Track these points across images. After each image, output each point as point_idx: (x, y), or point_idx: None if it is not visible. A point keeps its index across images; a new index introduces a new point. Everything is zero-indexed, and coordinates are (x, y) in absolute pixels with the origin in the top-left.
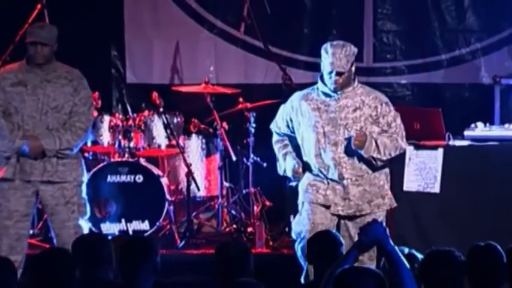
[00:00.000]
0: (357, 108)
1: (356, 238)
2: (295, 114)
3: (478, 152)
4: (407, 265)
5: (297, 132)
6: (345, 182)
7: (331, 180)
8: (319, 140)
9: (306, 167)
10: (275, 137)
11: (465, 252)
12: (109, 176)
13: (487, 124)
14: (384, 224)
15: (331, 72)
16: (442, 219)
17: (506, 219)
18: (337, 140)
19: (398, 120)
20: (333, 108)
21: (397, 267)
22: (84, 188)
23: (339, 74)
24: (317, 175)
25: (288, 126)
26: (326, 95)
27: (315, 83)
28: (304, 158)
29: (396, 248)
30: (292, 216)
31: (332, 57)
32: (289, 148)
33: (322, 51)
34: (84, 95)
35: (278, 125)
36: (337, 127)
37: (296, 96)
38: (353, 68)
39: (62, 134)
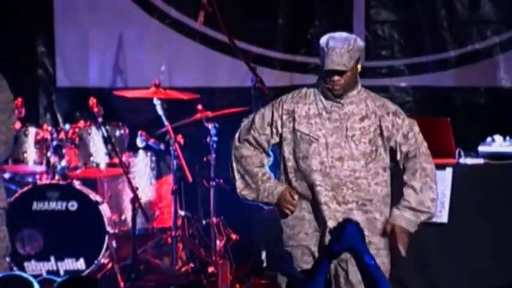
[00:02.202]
0: (365, 117)
1: None
2: (288, 120)
3: (495, 172)
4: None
5: (284, 143)
6: (349, 205)
7: (331, 204)
8: (320, 153)
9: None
10: (247, 149)
11: None
12: (35, 203)
13: (507, 138)
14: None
15: (330, 72)
16: (450, 256)
17: None
18: (342, 154)
19: (416, 128)
20: (336, 115)
21: (376, 286)
22: (3, 217)
23: (340, 73)
24: (310, 201)
25: (272, 133)
26: (327, 98)
27: (293, 87)
28: (287, 178)
29: (375, 260)
30: (264, 253)
31: (331, 52)
32: (267, 168)
33: (321, 46)
34: (3, 100)
35: (258, 131)
36: (343, 139)
37: (289, 97)
38: (359, 66)
39: None
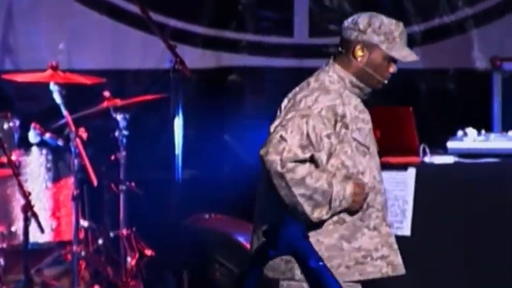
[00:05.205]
0: None
1: None
2: (341, 127)
3: (467, 173)
4: None
5: (334, 157)
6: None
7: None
8: (370, 167)
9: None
10: (305, 167)
11: None
12: None
13: (482, 131)
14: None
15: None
16: (414, 276)
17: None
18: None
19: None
20: (368, 116)
21: None
22: None
23: None
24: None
25: (324, 148)
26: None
27: (220, 68)
28: None
29: (323, 260)
30: (186, 273)
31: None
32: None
33: (385, 30)
34: None
35: (315, 147)
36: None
37: (331, 99)
38: None
39: None
